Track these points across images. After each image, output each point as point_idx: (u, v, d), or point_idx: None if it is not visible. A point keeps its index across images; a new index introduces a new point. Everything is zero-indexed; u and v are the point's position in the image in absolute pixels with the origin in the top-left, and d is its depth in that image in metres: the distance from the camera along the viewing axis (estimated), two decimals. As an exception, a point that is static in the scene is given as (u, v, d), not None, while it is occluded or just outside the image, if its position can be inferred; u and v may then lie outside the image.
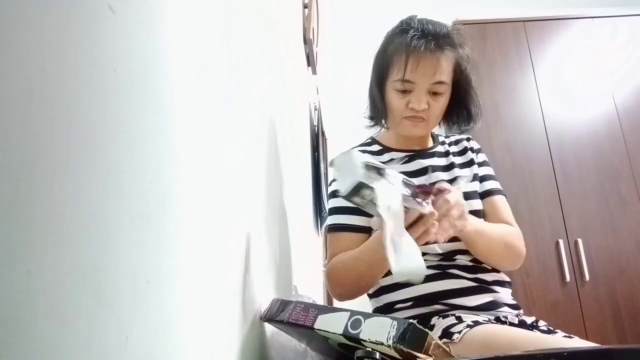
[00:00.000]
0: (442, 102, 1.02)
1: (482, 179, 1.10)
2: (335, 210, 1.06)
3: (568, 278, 2.42)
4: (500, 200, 1.07)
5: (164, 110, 0.47)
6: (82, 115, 0.32)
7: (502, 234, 1.00)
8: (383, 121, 1.14)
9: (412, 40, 0.98)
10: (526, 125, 2.72)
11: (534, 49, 2.85)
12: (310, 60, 2.16)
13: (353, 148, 1.14)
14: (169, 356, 0.43)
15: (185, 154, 0.52)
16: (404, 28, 1.03)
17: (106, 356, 0.33)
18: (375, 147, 1.13)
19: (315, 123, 2.29)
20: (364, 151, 1.10)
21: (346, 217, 1.03)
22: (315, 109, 2.35)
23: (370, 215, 1.00)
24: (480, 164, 1.13)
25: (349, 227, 1.03)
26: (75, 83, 0.32)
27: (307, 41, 2.03)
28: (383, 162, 1.07)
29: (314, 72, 2.30)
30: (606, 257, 2.47)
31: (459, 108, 1.08)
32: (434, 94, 1.00)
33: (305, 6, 2.12)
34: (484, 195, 1.08)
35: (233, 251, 0.69)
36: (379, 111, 1.10)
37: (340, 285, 0.99)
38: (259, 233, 0.88)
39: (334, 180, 1.11)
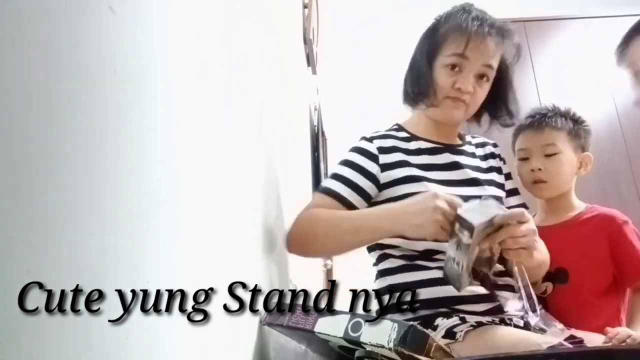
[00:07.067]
0: (485, 89, 1.03)
1: (508, 194, 1.10)
2: (336, 177, 1.02)
3: (568, 278, 2.42)
4: None
5: (164, 110, 0.47)
6: (82, 115, 0.32)
7: (545, 257, 1.01)
8: (425, 100, 1.06)
9: (475, 21, 1.00)
10: (526, 125, 2.71)
11: (534, 48, 2.85)
12: (310, 60, 2.16)
13: (379, 131, 1.10)
14: (169, 356, 0.43)
15: (185, 154, 0.52)
16: (467, 9, 1.04)
17: (106, 356, 0.33)
18: (403, 134, 1.09)
19: (315, 123, 2.29)
20: (390, 136, 1.08)
21: (344, 187, 0.99)
22: (315, 109, 2.35)
23: (364, 197, 0.99)
24: (507, 177, 1.13)
25: (340, 198, 0.98)
26: (75, 83, 0.32)
27: (307, 41, 2.03)
28: (410, 150, 1.04)
29: (314, 72, 2.30)
30: (606, 257, 2.47)
31: (499, 102, 1.09)
32: (480, 77, 1.01)
33: (305, 6, 2.12)
34: None
35: (233, 251, 0.69)
36: (425, 87, 1.04)
37: (309, 237, 0.95)
38: (259, 233, 0.88)
39: (354, 150, 1.05)
